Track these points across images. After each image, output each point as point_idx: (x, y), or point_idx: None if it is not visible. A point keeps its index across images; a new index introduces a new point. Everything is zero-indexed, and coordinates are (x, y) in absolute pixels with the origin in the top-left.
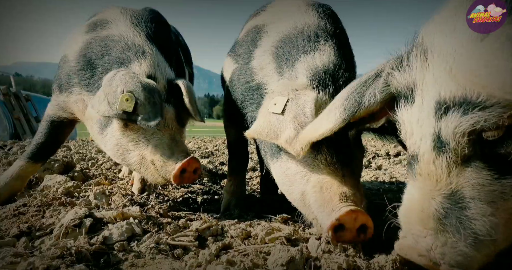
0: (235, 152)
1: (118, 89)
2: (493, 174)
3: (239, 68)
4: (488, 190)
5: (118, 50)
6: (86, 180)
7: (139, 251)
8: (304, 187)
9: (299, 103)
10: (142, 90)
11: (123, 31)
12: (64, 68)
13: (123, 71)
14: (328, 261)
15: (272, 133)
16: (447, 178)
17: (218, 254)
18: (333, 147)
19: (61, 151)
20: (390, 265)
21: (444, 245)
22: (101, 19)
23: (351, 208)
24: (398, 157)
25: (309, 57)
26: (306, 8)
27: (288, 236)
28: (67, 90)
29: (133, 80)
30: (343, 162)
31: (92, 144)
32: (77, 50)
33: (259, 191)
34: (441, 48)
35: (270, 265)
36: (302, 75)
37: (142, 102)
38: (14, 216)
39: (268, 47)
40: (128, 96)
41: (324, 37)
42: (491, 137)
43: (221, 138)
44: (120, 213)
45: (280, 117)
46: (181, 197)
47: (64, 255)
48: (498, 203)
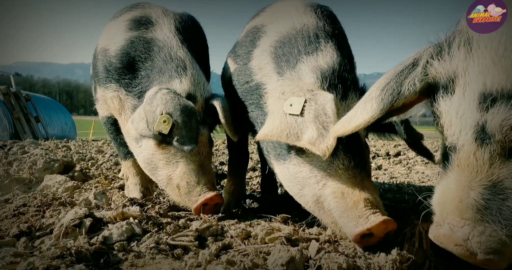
0: (236, 152)
1: (158, 109)
2: None
3: (239, 68)
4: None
5: (161, 59)
6: (86, 180)
7: (139, 251)
8: (321, 192)
9: (319, 103)
10: (180, 113)
11: (167, 37)
12: (102, 61)
13: (164, 90)
14: (328, 261)
15: (293, 135)
16: (488, 169)
17: (218, 254)
18: (349, 151)
19: (61, 151)
20: (390, 265)
21: (481, 234)
22: (145, 18)
23: (383, 219)
24: (398, 157)
25: (313, 58)
26: (305, 9)
27: (288, 236)
28: (104, 85)
29: (173, 102)
30: (360, 165)
31: (92, 144)
32: (120, 47)
33: (259, 191)
34: (489, 37)
35: (270, 265)
36: (308, 76)
37: (179, 126)
38: (14, 216)
39: (267, 47)
40: (166, 118)
41: (325, 38)
42: None
43: (221, 138)
44: (120, 213)
45: (299, 118)
46: None
47: (64, 255)
48: None
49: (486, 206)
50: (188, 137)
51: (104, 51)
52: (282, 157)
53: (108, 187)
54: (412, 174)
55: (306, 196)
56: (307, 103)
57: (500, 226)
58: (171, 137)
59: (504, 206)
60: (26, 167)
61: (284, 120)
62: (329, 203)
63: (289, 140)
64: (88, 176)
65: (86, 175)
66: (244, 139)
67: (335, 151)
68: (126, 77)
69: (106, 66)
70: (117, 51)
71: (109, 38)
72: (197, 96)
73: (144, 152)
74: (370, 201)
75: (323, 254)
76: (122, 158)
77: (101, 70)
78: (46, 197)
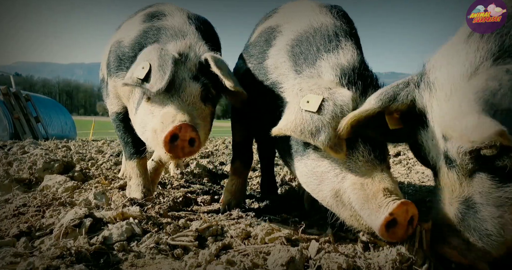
0: (240, 152)
1: (141, 59)
2: (497, 183)
3: (252, 67)
4: (495, 196)
5: (166, 35)
6: (86, 180)
7: (139, 251)
8: (340, 185)
9: (337, 103)
10: (157, 58)
11: (177, 22)
12: (116, 52)
13: (153, 45)
14: (328, 261)
15: (307, 132)
16: (459, 187)
17: (218, 254)
18: (369, 143)
19: (61, 151)
20: (390, 265)
21: (466, 243)
22: (159, 11)
23: (401, 200)
24: (398, 157)
25: (333, 56)
26: (320, 9)
27: (288, 236)
28: (115, 74)
29: (154, 51)
30: (380, 157)
31: (92, 144)
32: (133, 37)
33: (259, 191)
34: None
35: (270, 265)
36: (328, 74)
37: (153, 70)
38: (14, 216)
39: (283, 46)
40: (144, 65)
41: (344, 37)
42: (489, 153)
43: (221, 138)
44: (120, 213)
45: (315, 115)
46: (181, 197)
47: (64, 255)
48: (506, 206)
49: (463, 219)
50: (159, 78)
51: (117, 43)
52: (299, 153)
53: (108, 187)
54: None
55: (324, 191)
56: (325, 102)
57: (477, 235)
58: (146, 81)
59: (477, 218)
60: (26, 167)
61: (299, 116)
62: (348, 196)
63: (302, 136)
64: (88, 176)
65: (86, 175)
66: (250, 140)
67: (354, 144)
68: None
69: (119, 56)
70: (130, 41)
71: (124, 32)
72: (190, 55)
73: (137, 117)
74: (389, 191)
75: (323, 254)
76: (127, 157)
77: (113, 60)
78: (46, 197)
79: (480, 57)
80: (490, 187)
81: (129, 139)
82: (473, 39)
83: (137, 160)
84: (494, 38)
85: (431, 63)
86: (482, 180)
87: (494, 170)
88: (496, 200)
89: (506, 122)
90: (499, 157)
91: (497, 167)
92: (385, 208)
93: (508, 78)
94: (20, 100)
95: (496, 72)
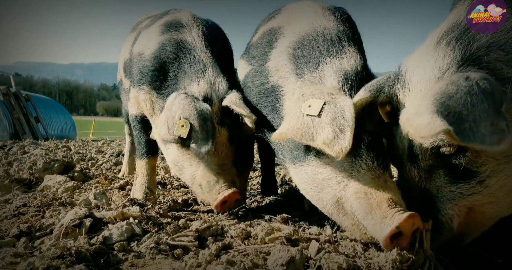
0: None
1: (176, 114)
2: (451, 179)
3: (254, 70)
4: (448, 190)
5: (186, 61)
6: (86, 180)
7: (139, 251)
8: (342, 193)
9: (338, 106)
10: (196, 117)
11: (195, 40)
12: (137, 64)
13: (182, 95)
14: (328, 261)
15: (308, 135)
16: (419, 180)
17: (218, 254)
18: (372, 151)
19: (61, 151)
20: (390, 265)
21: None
22: (176, 21)
23: (408, 214)
24: None
25: (337, 61)
26: (323, 12)
27: (288, 236)
28: (138, 87)
29: (190, 107)
30: (383, 166)
31: (92, 144)
32: (153, 51)
33: (259, 191)
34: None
35: (270, 265)
36: (331, 79)
37: (196, 129)
38: (14, 216)
39: (285, 48)
40: (184, 123)
41: (347, 42)
42: (447, 152)
43: None
44: (120, 213)
45: (316, 119)
46: (181, 197)
47: (64, 255)
48: (457, 200)
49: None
50: (204, 139)
51: (139, 55)
52: (300, 159)
53: (108, 187)
54: None
55: (324, 199)
56: (326, 105)
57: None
58: (190, 140)
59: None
60: (26, 167)
61: (300, 120)
62: (351, 205)
63: (303, 139)
64: (88, 176)
65: (86, 175)
66: (250, 140)
67: (357, 151)
68: (158, 79)
69: (140, 69)
70: (150, 55)
71: (144, 43)
72: (213, 99)
73: (170, 155)
74: (394, 201)
75: (323, 254)
76: (138, 156)
77: (136, 73)
78: (46, 197)
79: (447, 64)
80: (446, 182)
81: (143, 139)
82: (441, 46)
83: (146, 159)
84: (458, 47)
85: (406, 65)
86: (438, 176)
87: (451, 167)
88: (449, 194)
89: (457, 123)
90: (456, 155)
91: (453, 164)
92: (390, 220)
93: (466, 84)
94: (20, 100)
95: (456, 78)
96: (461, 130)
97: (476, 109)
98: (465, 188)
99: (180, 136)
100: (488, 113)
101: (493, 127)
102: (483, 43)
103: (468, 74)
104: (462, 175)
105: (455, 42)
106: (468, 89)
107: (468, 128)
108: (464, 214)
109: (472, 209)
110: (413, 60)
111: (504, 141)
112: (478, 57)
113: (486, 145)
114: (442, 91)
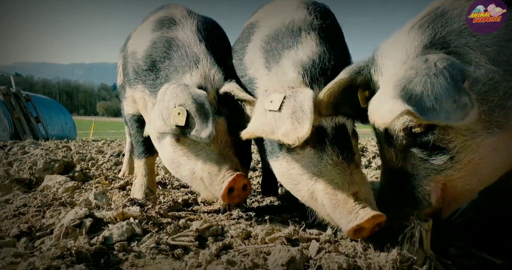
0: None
1: (170, 103)
2: (424, 157)
3: (235, 63)
4: (423, 168)
5: (177, 58)
6: (86, 180)
7: (139, 251)
8: (314, 187)
9: (297, 100)
10: (192, 102)
11: (187, 36)
12: (132, 63)
13: (173, 84)
14: (328, 261)
15: (268, 129)
16: (395, 160)
17: (218, 254)
18: (337, 145)
19: (61, 151)
20: (390, 265)
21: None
22: (169, 18)
23: (371, 214)
24: None
25: (293, 52)
26: (298, 6)
27: (288, 236)
28: (133, 86)
29: (183, 93)
30: (348, 159)
31: (92, 144)
32: (144, 49)
33: (259, 191)
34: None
35: (270, 265)
36: (291, 71)
37: (194, 115)
38: (14, 216)
39: (258, 41)
40: (180, 110)
41: (306, 30)
42: (417, 131)
43: None
44: (120, 213)
45: (277, 114)
46: (181, 197)
47: (64, 255)
48: (432, 176)
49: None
50: (204, 123)
51: (133, 54)
52: (275, 154)
53: (108, 187)
54: None
55: (301, 191)
56: (286, 99)
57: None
58: (189, 128)
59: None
60: (26, 167)
61: (264, 117)
62: (322, 199)
63: (264, 134)
64: (88, 176)
65: (86, 175)
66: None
67: (323, 146)
68: (150, 78)
69: (134, 68)
70: (142, 53)
71: (137, 41)
72: (207, 87)
73: (165, 153)
74: (359, 196)
75: (324, 254)
76: (136, 156)
77: (131, 72)
78: (46, 197)
79: (414, 47)
80: (420, 160)
81: (140, 138)
82: (413, 31)
83: (145, 159)
84: (428, 31)
85: (381, 49)
86: (412, 154)
87: (423, 145)
88: (424, 171)
89: (419, 104)
90: (426, 134)
91: (424, 142)
92: (354, 216)
93: (425, 67)
94: (20, 100)
95: (416, 61)
96: (424, 110)
97: (436, 88)
98: (438, 165)
99: (177, 125)
100: (448, 90)
101: (456, 103)
102: (455, 28)
103: (427, 57)
104: (433, 152)
105: (427, 26)
106: (427, 71)
107: (431, 107)
108: (440, 190)
109: (446, 185)
110: (387, 43)
111: (468, 116)
112: (446, 41)
113: (452, 121)
114: (402, 76)
